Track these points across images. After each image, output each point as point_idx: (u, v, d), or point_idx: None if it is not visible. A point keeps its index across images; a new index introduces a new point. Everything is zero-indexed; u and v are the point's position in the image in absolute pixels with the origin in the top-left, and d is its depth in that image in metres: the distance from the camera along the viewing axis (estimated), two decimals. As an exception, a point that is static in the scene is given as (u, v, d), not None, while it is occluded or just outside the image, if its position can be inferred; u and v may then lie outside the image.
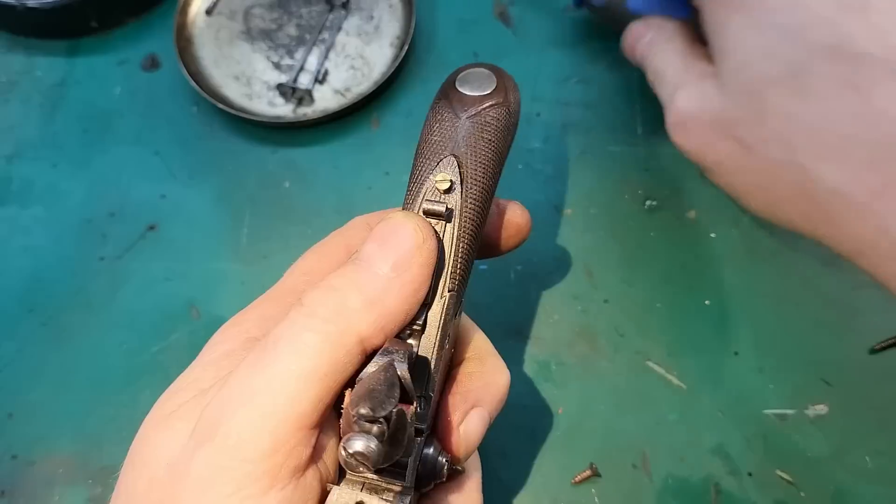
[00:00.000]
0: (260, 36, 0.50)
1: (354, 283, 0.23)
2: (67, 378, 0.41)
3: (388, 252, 0.23)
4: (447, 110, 0.28)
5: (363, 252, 0.24)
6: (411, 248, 0.23)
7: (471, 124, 0.28)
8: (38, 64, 0.50)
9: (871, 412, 0.38)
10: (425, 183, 0.27)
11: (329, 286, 0.23)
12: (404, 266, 0.23)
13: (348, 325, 0.22)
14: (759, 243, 0.43)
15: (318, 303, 0.22)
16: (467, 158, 0.27)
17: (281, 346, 0.21)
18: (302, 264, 0.28)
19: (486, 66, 0.30)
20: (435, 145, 0.28)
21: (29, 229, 0.45)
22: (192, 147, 0.47)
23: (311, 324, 0.22)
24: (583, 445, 0.38)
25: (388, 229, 0.24)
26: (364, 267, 0.23)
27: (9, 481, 0.38)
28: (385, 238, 0.24)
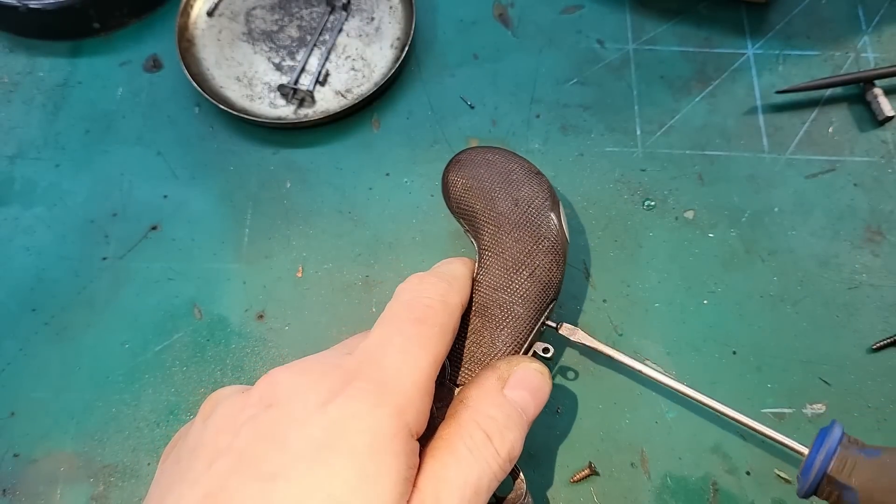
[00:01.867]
0: (261, 37, 0.50)
1: (523, 430, 0.27)
2: (69, 377, 0.41)
3: (537, 408, 0.29)
4: (559, 254, 0.35)
5: (523, 397, 0.28)
6: (544, 404, 0.29)
7: (563, 275, 0.35)
8: (40, 65, 0.50)
9: (870, 411, 0.38)
10: (538, 321, 0.32)
11: (510, 437, 0.27)
12: (537, 414, 0.29)
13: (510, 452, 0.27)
14: (757, 243, 0.43)
15: (505, 443, 0.26)
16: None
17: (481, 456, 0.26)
18: (431, 346, 0.27)
19: (555, 192, 0.37)
20: (549, 288, 0.33)
21: (31, 229, 0.45)
22: (193, 148, 0.47)
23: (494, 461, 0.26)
24: (581, 444, 0.38)
25: (537, 383, 0.29)
26: (527, 418, 0.28)
27: (11, 479, 0.38)
28: (537, 394, 0.28)
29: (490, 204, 0.34)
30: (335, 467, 0.22)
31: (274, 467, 0.22)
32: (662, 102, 0.47)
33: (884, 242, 0.43)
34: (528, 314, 0.32)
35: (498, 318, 0.31)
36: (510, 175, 0.35)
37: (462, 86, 0.48)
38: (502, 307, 0.31)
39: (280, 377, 0.25)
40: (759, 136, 0.46)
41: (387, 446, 0.23)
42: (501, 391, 0.28)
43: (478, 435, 0.26)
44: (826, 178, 0.45)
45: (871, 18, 0.50)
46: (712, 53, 0.48)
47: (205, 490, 0.22)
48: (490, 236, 0.33)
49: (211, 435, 0.24)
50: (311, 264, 0.43)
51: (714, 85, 0.48)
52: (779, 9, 0.50)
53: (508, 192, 0.34)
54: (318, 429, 0.23)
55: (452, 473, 0.24)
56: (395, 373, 0.25)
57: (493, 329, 0.31)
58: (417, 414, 0.25)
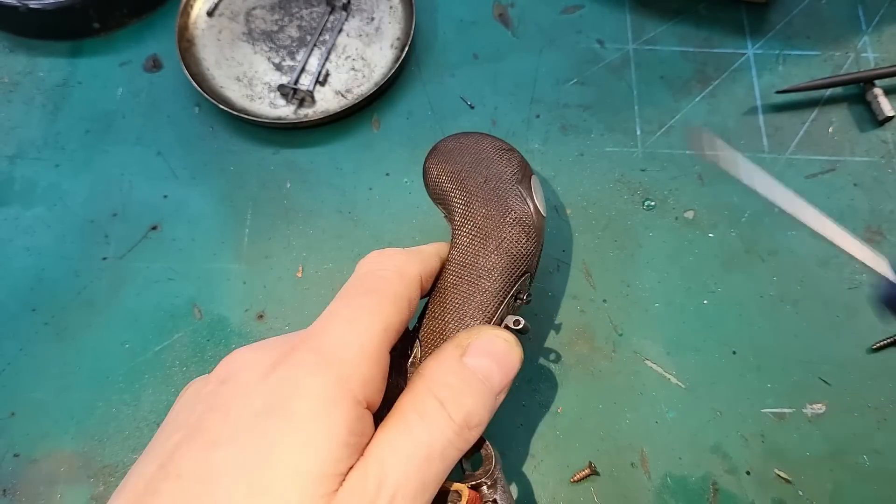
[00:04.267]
0: (261, 37, 0.50)
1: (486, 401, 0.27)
2: (70, 377, 0.41)
3: (504, 376, 0.27)
4: (531, 226, 0.33)
5: (485, 365, 0.27)
6: (512, 378, 0.28)
7: (539, 249, 0.34)
8: (40, 65, 0.50)
9: (870, 411, 0.38)
10: (508, 293, 0.31)
11: (467, 405, 0.26)
12: (507, 388, 0.28)
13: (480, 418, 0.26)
14: (757, 243, 0.43)
15: (463, 407, 0.25)
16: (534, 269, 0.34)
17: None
18: (381, 314, 0.27)
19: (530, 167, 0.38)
20: (518, 259, 0.32)
21: (31, 229, 0.45)
22: (193, 148, 0.47)
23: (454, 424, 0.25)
24: (581, 444, 0.38)
25: (503, 351, 0.28)
26: (491, 387, 0.27)
27: (11, 479, 0.38)
28: (501, 361, 0.27)
29: (461, 184, 0.34)
30: (273, 433, 0.22)
31: (217, 435, 0.23)
32: (662, 102, 0.47)
33: (884, 242, 0.43)
34: (496, 287, 0.31)
35: (465, 293, 0.31)
36: (480, 154, 0.35)
37: (462, 86, 0.48)
38: (470, 282, 0.31)
39: (236, 354, 0.26)
40: (760, 136, 0.46)
41: (326, 412, 0.23)
42: (459, 359, 0.27)
43: (430, 402, 0.25)
44: (826, 178, 0.45)
45: (871, 18, 0.50)
46: (712, 53, 0.48)
47: (159, 461, 0.23)
48: (460, 215, 0.33)
49: (174, 413, 0.26)
50: (311, 264, 0.43)
51: (714, 85, 0.48)
52: (779, 9, 0.50)
53: (478, 171, 0.35)
54: (259, 397, 0.23)
55: (400, 439, 0.24)
56: (337, 341, 0.25)
57: (462, 304, 0.31)
58: (364, 382, 0.24)
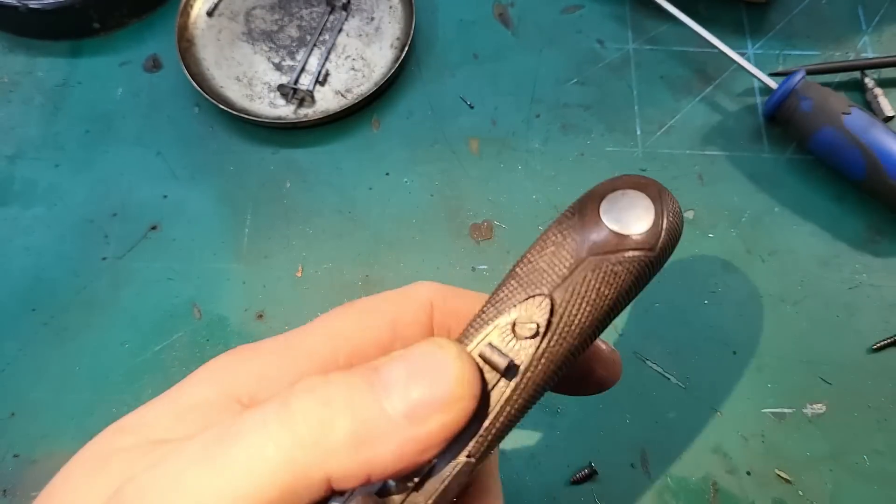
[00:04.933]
0: (261, 37, 0.50)
1: (353, 407, 0.18)
2: (69, 377, 0.41)
3: (413, 390, 0.18)
4: (574, 235, 0.22)
5: (385, 370, 0.18)
6: (442, 401, 0.18)
7: (594, 268, 0.21)
8: (40, 65, 0.50)
9: (870, 411, 0.38)
10: (503, 314, 0.21)
11: (323, 396, 0.18)
12: (422, 418, 0.18)
13: (321, 458, 0.17)
14: (758, 243, 0.43)
15: (301, 413, 0.18)
16: (568, 308, 0.21)
17: (237, 449, 0.17)
18: (336, 322, 0.22)
19: (650, 190, 0.22)
20: (537, 272, 0.21)
21: (31, 229, 0.45)
22: (193, 148, 0.47)
23: (282, 437, 0.17)
24: (582, 444, 0.38)
25: (428, 361, 0.18)
26: (373, 387, 0.18)
27: (11, 480, 0.38)
28: (418, 369, 0.18)
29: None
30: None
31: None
32: (663, 102, 0.47)
33: (884, 242, 0.43)
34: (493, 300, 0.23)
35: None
36: (613, 178, 0.24)
37: (462, 85, 0.48)
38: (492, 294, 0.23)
39: None
40: (760, 136, 0.46)
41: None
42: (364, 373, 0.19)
43: (273, 398, 0.18)
44: (828, 178, 0.45)
45: (871, 18, 0.50)
46: (713, 53, 0.48)
47: None
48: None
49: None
50: (310, 264, 0.43)
51: (714, 85, 0.48)
52: (779, 8, 0.50)
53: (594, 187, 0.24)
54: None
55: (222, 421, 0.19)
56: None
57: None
58: (257, 375, 0.21)
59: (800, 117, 0.43)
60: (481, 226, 0.44)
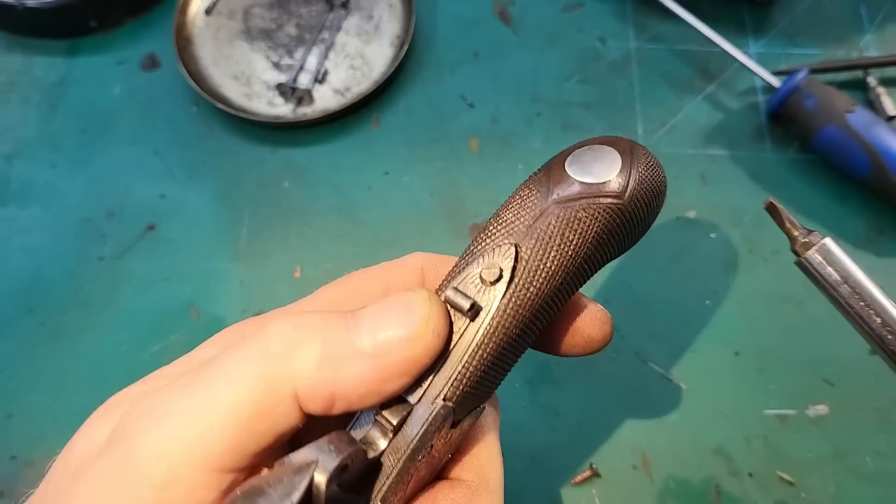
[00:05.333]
0: (259, 35, 0.50)
1: (324, 332, 0.19)
2: (66, 378, 0.41)
3: (381, 325, 0.20)
4: (539, 187, 0.22)
5: (361, 312, 0.20)
6: (406, 336, 0.19)
7: (557, 214, 0.22)
8: (37, 64, 0.50)
9: (872, 412, 0.38)
10: (471, 265, 0.22)
11: (298, 323, 0.20)
12: (387, 350, 0.19)
13: (287, 373, 0.19)
14: (760, 243, 0.42)
15: (275, 336, 0.19)
16: (532, 253, 0.21)
17: (217, 371, 0.19)
18: (335, 289, 0.24)
19: (620, 144, 0.23)
20: (503, 224, 0.22)
21: (28, 229, 0.45)
22: (191, 147, 0.47)
23: (255, 356, 0.19)
24: (583, 446, 0.38)
25: (400, 302, 0.20)
26: (347, 325, 0.20)
27: (8, 482, 0.38)
28: (389, 309, 0.20)
29: None
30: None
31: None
32: (664, 101, 0.47)
33: (886, 241, 0.42)
34: (469, 247, 0.24)
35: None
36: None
37: (462, 84, 0.48)
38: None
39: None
40: (762, 135, 0.46)
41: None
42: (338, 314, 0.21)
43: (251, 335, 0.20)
44: (830, 178, 0.44)
45: (873, 17, 0.49)
46: (715, 52, 0.48)
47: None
48: None
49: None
50: (309, 264, 0.43)
51: (716, 83, 0.47)
52: (781, 7, 0.50)
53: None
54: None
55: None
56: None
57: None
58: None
59: (803, 115, 0.42)
60: (481, 226, 0.44)
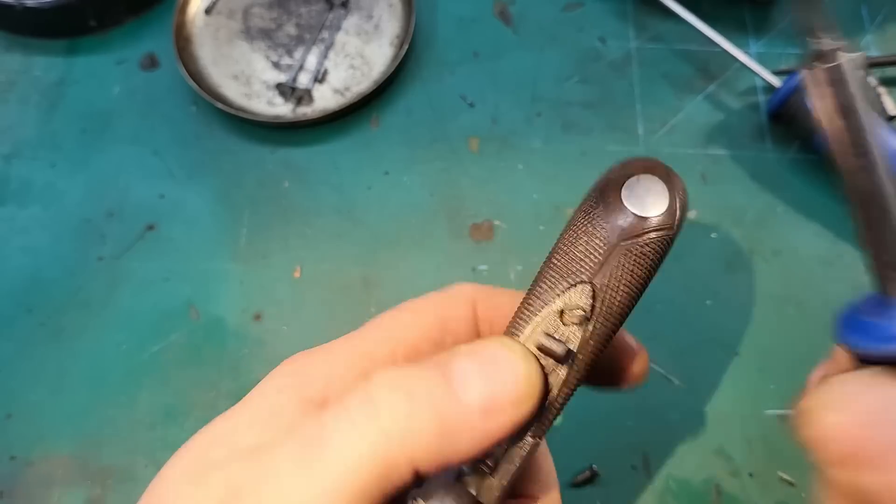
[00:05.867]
0: (259, 35, 0.50)
1: (434, 401, 0.19)
2: (66, 378, 0.40)
3: (485, 386, 0.20)
4: (603, 223, 0.24)
5: (457, 366, 0.20)
6: (512, 398, 0.20)
7: (626, 252, 0.23)
8: (36, 63, 0.50)
9: (873, 413, 0.38)
10: (549, 304, 0.23)
11: (405, 390, 0.20)
12: (496, 412, 0.20)
13: (408, 448, 0.19)
14: (761, 243, 0.42)
15: (386, 408, 0.19)
16: (607, 293, 0.23)
17: (330, 449, 0.19)
18: (390, 324, 0.24)
19: (659, 172, 0.24)
20: (574, 261, 0.23)
21: (27, 229, 0.44)
22: (190, 147, 0.47)
23: (369, 430, 0.19)
24: (583, 446, 0.38)
25: (494, 360, 0.20)
26: (451, 387, 0.20)
27: (7, 482, 0.38)
28: (487, 367, 0.20)
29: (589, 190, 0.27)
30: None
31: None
32: (665, 101, 0.47)
33: (888, 242, 0.42)
34: (539, 291, 0.24)
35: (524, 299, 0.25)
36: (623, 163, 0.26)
37: (462, 84, 0.48)
38: (531, 287, 0.25)
39: None
40: (763, 135, 0.46)
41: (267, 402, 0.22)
42: (434, 361, 0.21)
43: (351, 392, 0.20)
44: (830, 178, 0.44)
45: (874, 17, 0.49)
46: (715, 51, 0.48)
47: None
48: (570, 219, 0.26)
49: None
50: (309, 264, 0.43)
51: (717, 83, 0.47)
52: (781, 7, 0.50)
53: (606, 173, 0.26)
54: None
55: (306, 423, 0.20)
56: (330, 342, 0.25)
57: (515, 313, 0.25)
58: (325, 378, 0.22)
59: (804, 115, 0.42)
60: (481, 226, 0.44)
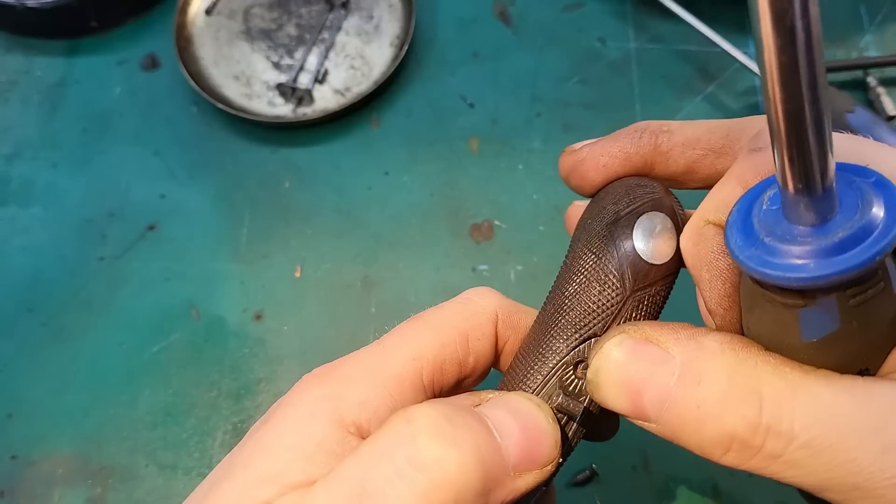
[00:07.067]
0: (260, 36, 0.50)
1: (481, 456, 0.20)
2: (67, 378, 0.41)
3: (525, 447, 0.21)
4: (615, 270, 0.22)
5: (497, 419, 0.21)
6: (543, 461, 0.22)
7: (638, 303, 0.22)
8: (37, 64, 0.50)
9: (872, 413, 0.38)
10: (563, 356, 0.23)
11: (452, 439, 0.20)
12: (526, 472, 0.21)
13: (453, 501, 0.20)
14: (760, 243, 0.42)
15: (433, 460, 0.20)
16: None
17: (380, 498, 0.19)
18: (414, 341, 0.24)
19: (666, 207, 0.24)
20: (589, 315, 0.23)
21: (28, 229, 0.45)
22: (191, 147, 0.47)
23: (419, 484, 0.19)
24: (583, 446, 0.38)
25: (533, 423, 0.22)
26: (496, 444, 0.21)
27: (8, 481, 0.38)
28: (527, 432, 0.22)
29: (590, 217, 0.26)
30: (254, 440, 0.22)
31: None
32: (664, 101, 0.47)
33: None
34: (551, 345, 0.24)
35: (526, 349, 0.25)
36: (627, 190, 0.25)
37: (462, 84, 0.48)
38: (535, 336, 0.24)
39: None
40: (762, 136, 0.46)
41: (300, 423, 0.22)
42: (467, 404, 0.22)
43: (392, 432, 0.21)
44: (829, 178, 0.44)
45: (873, 17, 0.49)
46: (714, 52, 0.48)
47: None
48: (572, 249, 0.25)
49: None
50: (309, 264, 0.43)
51: (716, 83, 0.47)
52: (781, 7, 0.50)
53: (603, 212, 0.25)
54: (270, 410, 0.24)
55: (349, 464, 0.21)
56: (351, 360, 0.24)
57: (518, 362, 0.25)
58: (361, 405, 0.22)
59: None
60: (481, 226, 0.44)
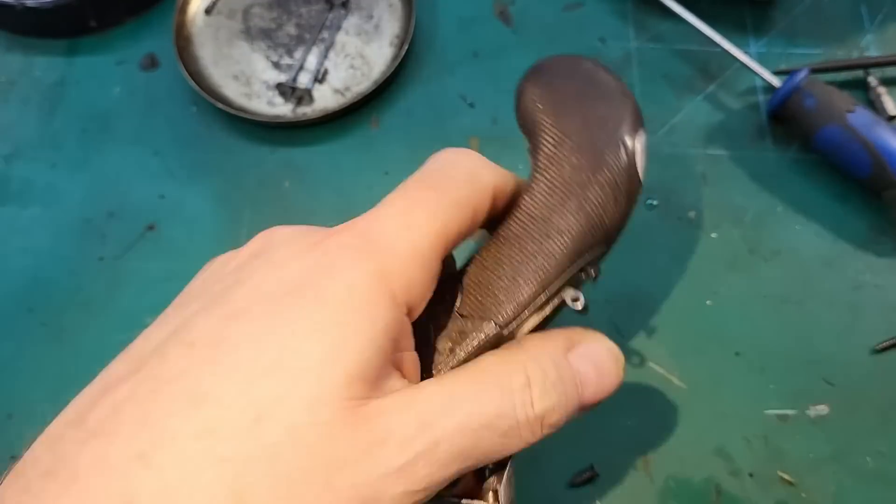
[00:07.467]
0: (259, 35, 0.50)
1: (568, 412, 0.24)
2: (67, 378, 0.40)
3: (598, 392, 0.25)
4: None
5: (587, 373, 0.25)
6: (607, 394, 0.26)
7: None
8: (36, 64, 0.50)
9: (873, 413, 0.38)
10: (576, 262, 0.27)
11: (555, 396, 0.23)
12: (592, 407, 0.25)
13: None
14: (761, 243, 0.42)
15: (541, 407, 0.23)
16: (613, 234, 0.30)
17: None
18: (441, 217, 0.24)
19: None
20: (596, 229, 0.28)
21: (28, 229, 0.45)
22: (191, 147, 0.47)
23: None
24: (582, 446, 0.38)
25: (606, 364, 0.25)
26: (578, 398, 0.24)
27: (8, 482, 0.38)
28: (603, 376, 0.25)
29: (557, 120, 0.28)
30: (298, 312, 0.20)
31: (239, 308, 0.21)
32: (665, 101, 0.47)
33: (888, 242, 0.42)
34: (564, 252, 0.26)
35: (528, 251, 0.26)
36: (589, 88, 0.29)
37: (462, 84, 0.48)
38: (536, 239, 0.26)
39: (274, 230, 0.24)
40: (763, 134, 0.46)
41: (363, 306, 0.20)
42: (566, 352, 0.24)
43: (518, 376, 0.22)
44: (831, 178, 0.44)
45: (873, 16, 0.49)
46: (715, 51, 0.48)
47: (172, 328, 0.22)
48: (545, 157, 0.27)
49: (195, 283, 0.25)
50: (309, 264, 0.43)
51: (717, 83, 0.47)
52: (782, 7, 0.50)
53: (581, 108, 0.28)
54: (292, 275, 0.21)
55: (468, 393, 0.21)
56: (385, 231, 0.23)
57: (520, 262, 0.26)
58: (408, 284, 0.22)
59: (803, 115, 0.42)
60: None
